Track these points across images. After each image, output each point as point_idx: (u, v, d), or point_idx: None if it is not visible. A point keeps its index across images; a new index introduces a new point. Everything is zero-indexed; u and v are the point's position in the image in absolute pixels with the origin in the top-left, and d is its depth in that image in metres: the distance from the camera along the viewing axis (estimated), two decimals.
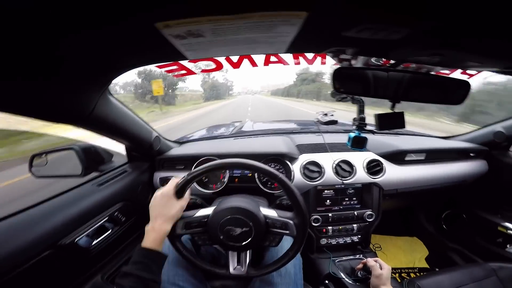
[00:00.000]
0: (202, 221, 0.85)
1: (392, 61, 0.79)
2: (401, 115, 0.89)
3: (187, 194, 0.82)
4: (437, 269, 1.72)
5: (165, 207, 0.76)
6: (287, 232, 0.83)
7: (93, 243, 0.97)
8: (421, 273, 1.74)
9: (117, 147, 1.28)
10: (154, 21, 0.38)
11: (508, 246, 1.45)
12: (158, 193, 0.79)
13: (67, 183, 1.09)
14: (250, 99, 46.27)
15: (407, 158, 1.40)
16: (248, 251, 0.88)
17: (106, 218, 1.06)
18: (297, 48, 0.64)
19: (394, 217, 1.43)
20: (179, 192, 0.80)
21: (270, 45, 0.57)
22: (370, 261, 1.07)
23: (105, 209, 1.06)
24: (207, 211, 0.86)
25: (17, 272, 0.71)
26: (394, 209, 1.55)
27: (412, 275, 1.73)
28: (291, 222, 0.82)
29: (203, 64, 0.81)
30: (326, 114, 1.35)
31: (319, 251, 1.40)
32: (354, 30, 0.49)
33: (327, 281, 1.25)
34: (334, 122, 1.32)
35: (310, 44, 0.63)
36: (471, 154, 1.51)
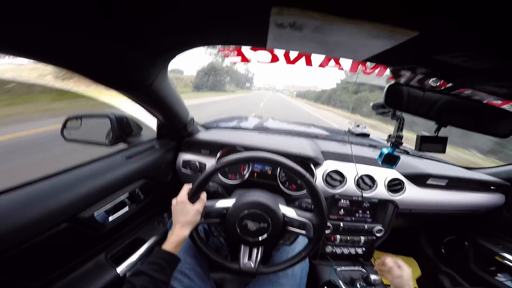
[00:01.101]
0: (221, 212, 0.85)
1: (449, 84, 0.79)
2: (444, 140, 0.89)
3: (203, 196, 0.85)
4: None
5: (181, 213, 0.80)
6: (304, 232, 0.84)
7: (109, 219, 0.96)
8: None
9: (148, 121, 1.27)
10: (272, 2, 0.38)
11: (498, 274, 1.47)
12: (174, 201, 0.83)
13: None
14: (267, 97, 38.97)
15: (428, 182, 1.40)
16: (260, 248, 0.88)
17: (127, 195, 1.04)
18: (376, 59, 0.63)
19: (396, 235, 1.43)
20: (192, 197, 0.82)
21: (354, 51, 0.57)
22: (389, 261, 1.06)
23: (128, 184, 1.04)
24: (227, 202, 0.86)
25: (31, 243, 0.69)
26: (399, 228, 1.55)
27: None
28: (309, 223, 0.83)
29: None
30: (358, 126, 1.34)
31: (322, 258, 1.41)
32: (449, 55, 0.49)
33: None
34: (366, 135, 1.32)
35: (392, 58, 0.62)
36: (492, 187, 1.51)
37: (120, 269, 0.98)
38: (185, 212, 0.79)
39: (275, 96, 48.60)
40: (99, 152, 1.03)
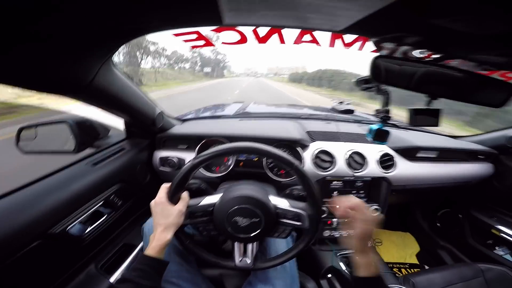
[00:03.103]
0: (207, 210, 0.78)
1: (435, 55, 0.72)
2: (437, 113, 0.84)
3: (184, 195, 0.78)
4: (426, 267, 1.78)
5: (162, 215, 0.74)
6: (299, 223, 0.78)
7: (87, 230, 0.89)
8: (412, 269, 1.78)
9: (114, 122, 1.17)
10: None
11: (497, 248, 1.48)
12: (152, 203, 0.76)
13: (59, 160, 0.98)
14: (243, 85, 29.34)
15: (418, 155, 1.37)
16: (255, 243, 0.83)
17: (101, 202, 0.97)
18: (355, 29, 0.55)
19: (390, 212, 1.42)
20: (172, 198, 0.75)
21: (330, 19, 0.48)
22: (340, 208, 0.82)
23: (101, 192, 0.97)
24: (213, 199, 0.79)
25: (3, 266, 0.64)
26: (394, 204, 1.54)
27: (403, 270, 1.77)
28: (304, 213, 0.77)
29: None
30: (342, 102, 1.27)
31: (321, 243, 1.37)
32: (450, 19, 0.40)
33: (329, 275, 1.23)
34: (350, 112, 1.26)
35: (375, 26, 0.53)
36: (480, 156, 1.49)
37: (113, 278, 0.95)
38: (166, 214, 0.73)
39: (255, 84, 35.75)
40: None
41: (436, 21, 0.43)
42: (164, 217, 0.73)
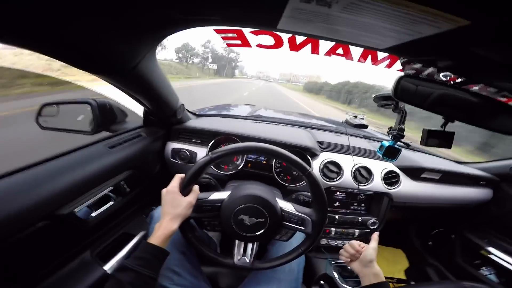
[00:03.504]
0: (215, 205, 0.80)
1: (459, 79, 0.75)
2: (450, 136, 0.86)
3: (195, 188, 0.78)
4: (412, 283, 1.80)
5: (171, 205, 0.74)
6: (303, 228, 0.80)
7: (92, 214, 0.88)
8: (399, 285, 1.80)
9: (133, 107, 1.18)
10: None
11: (482, 268, 1.51)
12: (164, 191, 0.76)
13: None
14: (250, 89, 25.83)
15: (423, 175, 1.40)
16: (255, 243, 0.84)
17: (111, 188, 0.96)
18: (398, 50, 0.57)
19: (386, 228, 1.45)
20: (184, 189, 0.76)
21: (378, 38, 0.50)
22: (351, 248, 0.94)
23: (113, 176, 0.96)
24: (222, 195, 0.81)
25: (7, 243, 0.62)
26: (391, 220, 1.57)
27: (391, 285, 1.79)
28: (308, 218, 0.79)
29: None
30: (356, 117, 1.30)
31: (317, 251, 1.39)
32: (484, 48, 0.43)
33: (322, 282, 1.25)
34: (364, 126, 1.29)
35: (419, 49, 0.56)
36: (481, 182, 1.54)
37: (108, 266, 0.92)
38: (176, 204, 0.73)
39: (265, 89, 32.48)
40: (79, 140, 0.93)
41: (476, 49, 0.46)
42: (174, 206, 0.73)
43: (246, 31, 0.70)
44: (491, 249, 1.47)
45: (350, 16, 0.41)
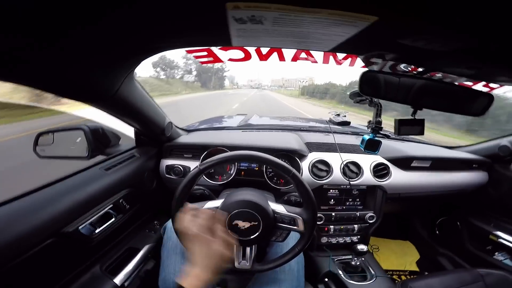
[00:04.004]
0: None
1: (420, 69, 0.80)
2: (421, 122, 0.90)
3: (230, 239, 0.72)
4: (426, 273, 1.78)
5: (206, 255, 0.65)
6: (295, 227, 0.83)
7: (96, 231, 0.93)
8: (412, 276, 1.81)
9: (124, 129, 1.24)
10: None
11: (496, 253, 1.50)
12: (191, 232, 0.66)
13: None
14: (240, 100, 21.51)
15: (413, 164, 1.42)
16: (253, 246, 0.87)
17: (111, 206, 1.02)
18: (342, 48, 0.63)
19: (390, 221, 1.46)
20: (177, 204, 0.79)
21: (319, 42, 0.56)
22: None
23: (111, 195, 1.02)
24: (215, 203, 0.85)
25: (17, 261, 0.67)
26: (392, 213, 1.59)
27: (403, 277, 1.80)
28: (300, 217, 0.82)
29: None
30: (338, 115, 1.35)
31: (319, 249, 1.42)
32: (411, 39, 0.49)
33: (326, 279, 1.27)
34: (347, 123, 1.33)
35: (358, 46, 0.61)
36: (474, 165, 1.55)
37: (117, 279, 0.98)
38: (211, 256, 0.64)
39: (258, 98, 28.45)
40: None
41: (403, 41, 0.51)
42: (209, 258, 0.64)
43: (215, 48, 0.77)
44: (499, 233, 1.47)
45: (283, 28, 0.47)
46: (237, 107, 16.35)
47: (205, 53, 0.77)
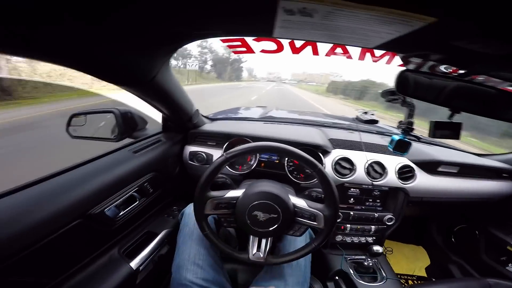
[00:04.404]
0: (231, 202, 0.84)
1: (461, 71, 0.76)
2: (458, 126, 0.87)
3: None
4: (433, 279, 1.77)
5: None
6: (315, 224, 0.82)
7: (120, 213, 0.95)
8: (419, 282, 1.78)
9: (152, 114, 1.27)
10: None
11: (510, 265, 1.45)
12: None
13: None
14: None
15: (439, 169, 1.38)
16: (269, 239, 0.87)
17: (136, 188, 1.04)
18: (386, 46, 0.60)
19: (405, 224, 1.42)
20: (203, 188, 0.80)
21: (365, 38, 0.54)
22: None
23: (137, 178, 1.04)
24: (237, 193, 0.85)
25: (46, 241, 0.69)
26: (410, 216, 1.54)
27: (410, 282, 1.78)
28: (320, 214, 0.81)
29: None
30: (366, 113, 1.31)
31: (332, 247, 1.41)
32: (467, 41, 0.46)
33: (337, 277, 1.27)
34: (375, 122, 1.30)
35: (404, 45, 0.59)
36: (504, 175, 1.48)
37: (133, 263, 0.99)
38: None
39: (275, 93, 24.36)
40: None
41: (457, 43, 0.49)
42: None
43: (249, 39, 0.76)
44: None
45: (332, 22, 0.45)
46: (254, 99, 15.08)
47: (238, 43, 0.77)
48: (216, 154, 1.34)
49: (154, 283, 1.09)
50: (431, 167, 1.37)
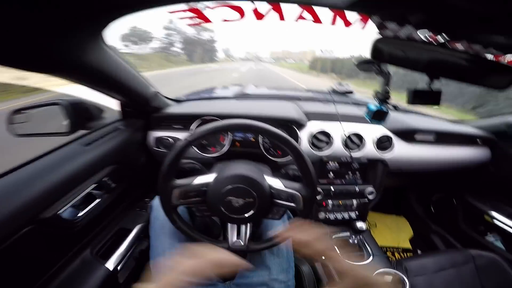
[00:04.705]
0: (201, 189, 0.77)
1: (440, 38, 0.71)
2: (438, 94, 0.83)
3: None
4: (419, 251, 1.82)
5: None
6: (293, 205, 0.77)
7: (79, 214, 0.87)
8: (405, 254, 1.84)
9: (110, 103, 1.14)
10: None
11: (488, 234, 1.50)
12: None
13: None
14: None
15: (416, 137, 1.36)
16: (248, 225, 0.83)
17: (94, 185, 0.94)
18: (357, 5, 0.53)
19: (386, 195, 1.43)
20: (165, 178, 0.74)
21: None
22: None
23: (93, 173, 0.94)
24: (207, 178, 0.78)
25: None
26: (389, 187, 1.55)
27: (396, 254, 1.83)
28: (298, 194, 0.76)
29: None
30: (341, 84, 1.25)
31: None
32: None
33: (324, 257, 1.26)
34: (350, 92, 1.24)
35: (377, 2, 0.52)
36: (478, 141, 1.48)
37: (109, 263, 0.94)
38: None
39: (252, 78, 18.80)
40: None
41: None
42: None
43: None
44: (494, 214, 1.44)
45: None
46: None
47: (191, 14, 0.65)
48: (183, 137, 1.24)
49: (141, 279, 1.06)
50: (408, 135, 1.35)
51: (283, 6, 0.67)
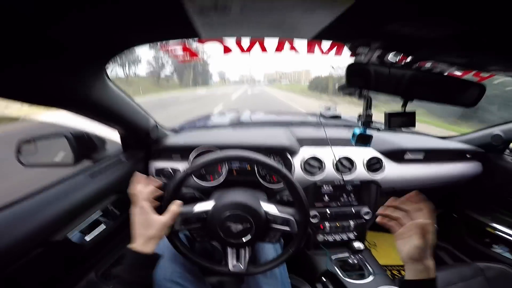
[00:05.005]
0: (201, 216, 0.81)
1: (409, 59, 0.77)
2: (412, 115, 0.88)
3: (172, 207, 0.75)
4: None
5: (143, 226, 0.69)
6: (288, 229, 0.81)
7: (86, 238, 0.92)
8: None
9: (111, 134, 1.21)
10: None
11: (495, 246, 1.48)
12: (136, 210, 0.72)
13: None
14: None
15: (406, 157, 1.40)
16: (247, 248, 0.85)
17: (100, 213, 1.00)
18: (326, 36, 0.60)
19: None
20: (159, 208, 0.76)
21: (297, 29, 0.53)
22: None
23: (98, 202, 1.00)
24: (206, 206, 0.82)
25: (6, 273, 0.65)
26: None
27: (402, 272, 1.75)
28: (292, 218, 0.80)
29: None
30: (329, 109, 1.32)
31: (316, 248, 1.39)
32: (398, 24, 0.46)
33: (324, 279, 1.24)
34: (337, 117, 1.30)
35: (341, 33, 0.59)
36: (468, 156, 1.52)
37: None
38: (147, 225, 0.69)
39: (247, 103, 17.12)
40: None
41: (388, 27, 0.49)
42: (146, 228, 0.69)
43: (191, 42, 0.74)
44: (496, 226, 1.45)
45: (253, 16, 0.44)
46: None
47: (180, 50, 0.74)
48: (183, 167, 1.30)
49: None
50: (397, 155, 1.39)
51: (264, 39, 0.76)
